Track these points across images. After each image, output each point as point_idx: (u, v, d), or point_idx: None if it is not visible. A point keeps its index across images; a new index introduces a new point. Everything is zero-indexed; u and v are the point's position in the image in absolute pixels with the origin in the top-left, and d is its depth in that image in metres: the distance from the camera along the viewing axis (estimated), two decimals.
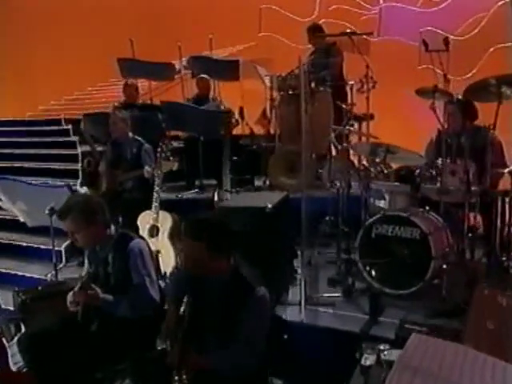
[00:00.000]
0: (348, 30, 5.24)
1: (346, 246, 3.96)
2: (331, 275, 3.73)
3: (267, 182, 5.39)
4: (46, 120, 6.82)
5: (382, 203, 3.97)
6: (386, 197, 3.91)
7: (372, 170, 4.03)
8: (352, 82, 5.23)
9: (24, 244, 4.58)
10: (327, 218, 4.43)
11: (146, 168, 4.12)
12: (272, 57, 7.27)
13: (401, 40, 7.77)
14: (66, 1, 8.98)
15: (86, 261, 2.85)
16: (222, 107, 5.85)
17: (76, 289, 2.58)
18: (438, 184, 3.41)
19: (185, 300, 2.20)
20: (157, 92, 6.77)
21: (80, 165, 5.47)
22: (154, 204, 3.80)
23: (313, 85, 5.42)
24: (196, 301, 2.25)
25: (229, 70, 6.54)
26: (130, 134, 4.61)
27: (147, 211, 3.85)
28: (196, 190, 5.23)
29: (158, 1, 9.09)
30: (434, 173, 3.46)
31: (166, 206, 4.65)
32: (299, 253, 3.44)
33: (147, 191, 4.07)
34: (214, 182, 5.39)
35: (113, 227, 2.79)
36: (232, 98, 6.96)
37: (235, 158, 5.93)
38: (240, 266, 2.41)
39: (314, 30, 5.67)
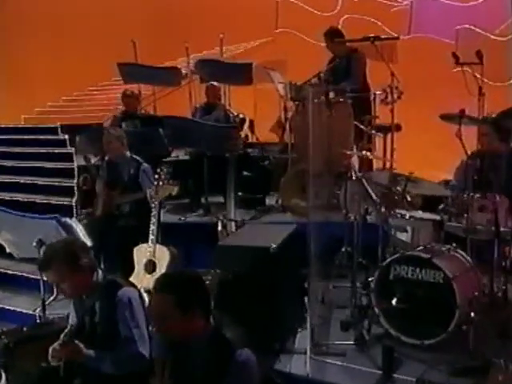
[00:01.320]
0: (371, 35, 5.21)
1: (364, 281, 3.94)
2: (345, 317, 3.71)
3: (280, 201, 5.39)
4: (41, 128, 6.90)
5: (403, 236, 3.94)
6: (409, 229, 3.88)
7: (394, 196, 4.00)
8: (379, 92, 5.18)
9: (10, 272, 4.63)
10: (343, 249, 4.42)
11: (148, 190, 4.15)
12: (288, 56, 7.32)
13: (434, 38, 7.72)
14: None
15: (72, 308, 2.89)
16: (233, 114, 5.88)
17: (57, 344, 2.61)
18: (465, 221, 3.36)
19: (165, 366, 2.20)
20: (161, 97, 6.83)
21: (75, 181, 5.56)
22: (151, 237, 3.83)
23: (331, 95, 5.43)
24: (177, 366, 2.23)
25: (241, 73, 6.56)
26: (127, 153, 4.66)
27: (143, 244, 3.89)
28: (200, 212, 5.26)
29: None
30: (459, 209, 3.41)
31: (166, 230, 4.73)
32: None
33: (145, 217, 4.11)
34: (220, 199, 5.43)
35: (100, 272, 2.82)
36: (244, 103, 7.00)
37: (246, 172, 5.98)
38: (223, 325, 2.33)
39: (332, 35, 5.60)
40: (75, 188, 5.50)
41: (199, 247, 4.86)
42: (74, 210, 5.34)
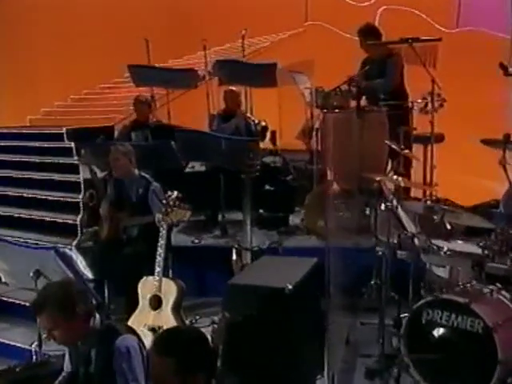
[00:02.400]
0: (409, 37, 5.11)
1: (395, 317, 3.88)
2: (371, 363, 3.66)
3: (305, 222, 5.36)
4: (46, 134, 7.00)
5: (440, 271, 3.86)
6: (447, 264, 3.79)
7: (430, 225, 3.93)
8: (420, 101, 5.07)
9: (5, 299, 4.61)
10: (372, 282, 4.36)
11: (157, 215, 4.15)
12: (317, 53, 7.26)
13: (486, 33, 7.51)
14: None
15: (67, 357, 2.92)
16: (254, 121, 5.85)
17: None
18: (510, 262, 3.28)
19: None
20: (176, 98, 6.85)
21: (81, 196, 5.63)
22: (157, 269, 3.85)
23: (363, 102, 5.37)
24: None
25: (264, 75, 6.55)
26: (136, 171, 4.68)
27: (149, 277, 3.91)
28: (217, 233, 5.27)
29: None
30: (504, 246, 3.32)
31: (178, 254, 4.77)
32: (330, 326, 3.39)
33: (155, 242, 4.12)
34: (240, 216, 5.41)
35: (98, 316, 2.83)
36: (267, 108, 6.98)
37: (268, 187, 5.96)
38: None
39: (367, 34, 5.54)
40: (81, 204, 5.57)
41: (213, 273, 4.92)
42: (79, 229, 5.40)
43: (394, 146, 4.31)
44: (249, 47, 7.88)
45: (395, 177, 3.89)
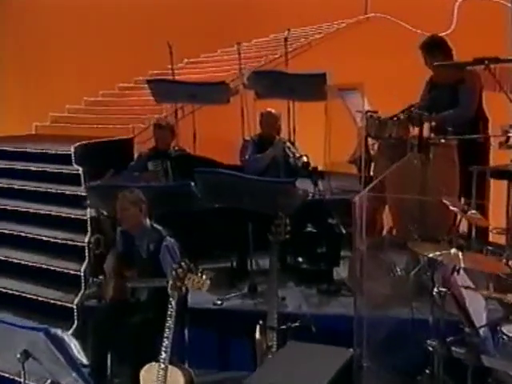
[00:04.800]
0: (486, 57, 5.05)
1: None
2: None
3: (350, 282, 5.40)
4: (50, 154, 7.23)
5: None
6: None
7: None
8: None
9: None
10: (428, 370, 4.38)
11: (171, 277, 4.25)
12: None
13: None
14: None
15: None
16: (295, 154, 5.88)
17: None
18: None
19: None
20: (204, 120, 7.01)
21: (87, 240, 5.85)
22: (163, 355, 3.98)
23: (427, 132, 5.35)
24: None
25: (310, 86, 6.64)
26: (147, 222, 4.82)
27: (153, 364, 4.04)
28: (244, 291, 5.38)
29: None
30: None
31: (197, 317, 4.92)
32: None
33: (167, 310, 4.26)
34: None
35: None
36: (313, 125, 7.07)
37: (310, 228, 6.03)
38: None
39: (433, 49, 5.49)
40: (86, 250, 5.79)
41: (237, 343, 5.05)
42: (82, 281, 5.62)
43: (453, 208, 4.28)
44: (291, 44, 8.02)
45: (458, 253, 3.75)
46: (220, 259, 5.99)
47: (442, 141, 5.27)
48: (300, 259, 5.87)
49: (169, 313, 4.15)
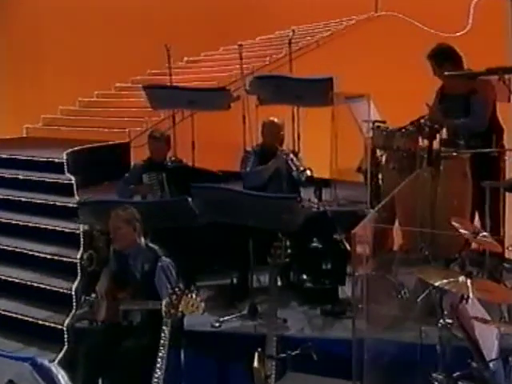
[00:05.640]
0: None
1: None
2: None
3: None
4: (41, 162, 7.30)
5: None
6: None
7: None
8: None
9: None
10: None
11: (165, 303, 4.30)
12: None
13: None
14: None
15: None
16: (297, 168, 5.92)
17: None
18: None
19: None
20: (203, 127, 7.06)
21: (79, 256, 5.92)
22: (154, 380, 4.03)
23: (437, 145, 5.38)
24: None
25: (315, 92, 6.70)
26: (142, 241, 4.90)
27: None
28: (244, 312, 5.42)
29: None
30: None
31: (193, 340, 4.98)
32: None
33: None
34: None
35: None
36: (318, 131, 7.12)
37: (315, 243, 6.07)
38: None
39: (442, 59, 5.53)
40: (78, 266, 5.85)
41: (235, 368, 5.07)
42: (74, 300, 5.68)
43: (463, 231, 4.30)
44: (295, 42, 8.07)
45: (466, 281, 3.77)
46: (220, 275, 6.06)
47: (454, 153, 5.31)
48: (304, 276, 5.93)
49: (161, 342, 4.19)
